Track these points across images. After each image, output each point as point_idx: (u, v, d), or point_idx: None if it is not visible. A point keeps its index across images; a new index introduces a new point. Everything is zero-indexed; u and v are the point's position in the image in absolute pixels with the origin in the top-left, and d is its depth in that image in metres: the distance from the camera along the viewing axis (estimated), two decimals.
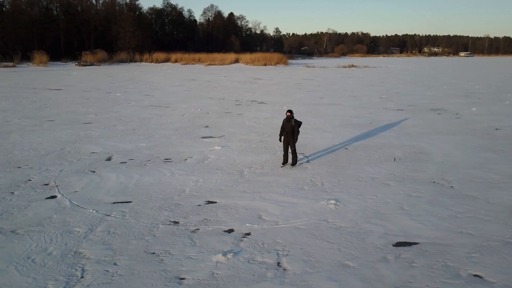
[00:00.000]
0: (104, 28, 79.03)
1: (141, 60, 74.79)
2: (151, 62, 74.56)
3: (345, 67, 70.93)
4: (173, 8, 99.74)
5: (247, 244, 6.24)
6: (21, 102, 21.64)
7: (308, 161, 10.95)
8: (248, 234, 6.60)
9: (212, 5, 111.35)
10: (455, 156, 11.63)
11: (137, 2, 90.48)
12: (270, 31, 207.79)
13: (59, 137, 13.29)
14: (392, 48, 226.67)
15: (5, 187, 8.56)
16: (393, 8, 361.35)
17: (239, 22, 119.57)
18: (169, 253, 5.93)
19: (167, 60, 76.78)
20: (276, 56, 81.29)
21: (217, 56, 79.19)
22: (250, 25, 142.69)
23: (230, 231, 6.71)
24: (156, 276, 5.30)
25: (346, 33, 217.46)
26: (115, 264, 5.59)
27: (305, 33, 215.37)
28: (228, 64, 74.34)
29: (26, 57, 59.72)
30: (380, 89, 31.40)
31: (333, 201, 8.02)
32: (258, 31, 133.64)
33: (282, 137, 10.38)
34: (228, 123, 16.30)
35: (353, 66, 72.84)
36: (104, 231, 6.57)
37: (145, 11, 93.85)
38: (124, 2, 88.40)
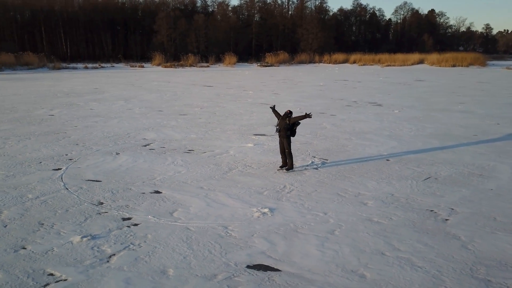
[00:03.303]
0: (291, 31, 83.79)
1: (319, 61, 76.50)
2: (329, 63, 75.37)
3: None
4: (363, 8, 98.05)
5: (119, 233, 6.40)
6: (163, 96, 25.49)
7: (316, 168, 9.92)
8: (136, 225, 6.72)
9: (405, 3, 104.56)
10: None
11: (325, 5, 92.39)
12: (479, 28, 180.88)
13: (141, 125, 15.41)
14: None
15: (42, 158, 10.71)
16: None
17: (438, 19, 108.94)
18: (53, 227, 6.61)
19: (345, 61, 76.32)
20: (470, 56, 71.23)
21: (399, 56, 74.46)
22: (451, 22, 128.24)
23: (127, 219, 6.94)
24: (10, 242, 6.06)
25: None
26: (5, 226, 6.61)
27: None
28: (409, 65, 69.15)
29: (218, 59, 68.65)
30: None
31: (266, 210, 7.27)
32: (463, 29, 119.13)
33: (278, 139, 9.73)
34: (302, 123, 15.71)
35: None
36: (42, 201, 7.70)
37: (332, 12, 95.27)
38: (314, 5, 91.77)
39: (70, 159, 10.59)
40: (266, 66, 68.17)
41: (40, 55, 55.02)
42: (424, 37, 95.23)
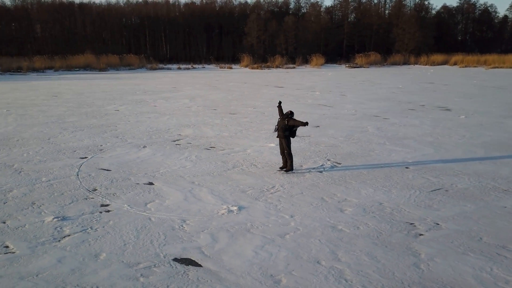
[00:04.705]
0: (385, 30, 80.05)
1: (415, 63, 71.89)
2: (426, 64, 70.39)
3: None
4: (471, 5, 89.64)
5: (88, 217, 6.96)
6: (229, 95, 26.31)
7: (321, 171, 9.58)
8: (108, 211, 7.22)
9: None
10: None
11: (426, 2, 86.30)
12: None
13: (186, 122, 16.20)
14: None
15: (79, 147, 11.91)
16: None
17: None
18: (40, 207, 7.40)
19: (445, 62, 70.58)
20: None
21: (510, 58, 66.74)
22: None
23: (104, 205, 7.49)
24: None
25: None
26: (4, 203, 7.58)
27: None
28: None
29: (306, 60, 68.42)
30: None
31: (235, 208, 7.30)
32: None
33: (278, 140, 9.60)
34: (345, 126, 15.19)
35: None
36: (49, 184, 8.63)
37: (434, 10, 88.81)
38: (413, 3, 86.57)
39: (101, 150, 11.62)
40: (354, 67, 66.26)
41: (141, 57, 60.32)
42: None
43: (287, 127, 9.19)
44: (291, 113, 9.37)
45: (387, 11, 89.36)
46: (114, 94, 26.33)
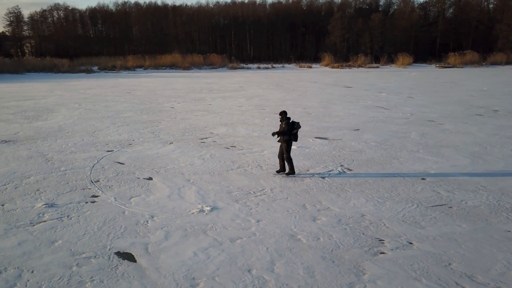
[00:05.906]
0: (486, 27, 72.79)
1: None
2: None
3: None
4: None
5: (73, 206, 7.49)
6: (287, 96, 26.12)
7: (324, 177, 9.14)
8: (93, 202, 7.70)
9: None
10: None
11: None
12: None
13: (226, 121, 16.48)
14: None
15: (113, 141, 12.78)
16: None
17: None
18: (41, 193, 8.14)
19: None
20: None
21: None
22: None
23: (94, 196, 7.99)
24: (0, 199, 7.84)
25: None
26: (16, 188, 8.48)
27: None
28: None
29: (391, 59, 65.01)
30: None
31: (208, 208, 7.33)
32: None
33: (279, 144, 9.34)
34: (386, 130, 14.25)
35: None
36: (63, 173, 9.44)
37: None
38: None
39: (130, 144, 12.36)
40: (446, 67, 61.37)
41: (223, 56, 62.49)
42: None
43: (286, 131, 8.91)
44: (283, 112, 9.07)
45: (491, 6, 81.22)
46: (181, 92, 27.69)
